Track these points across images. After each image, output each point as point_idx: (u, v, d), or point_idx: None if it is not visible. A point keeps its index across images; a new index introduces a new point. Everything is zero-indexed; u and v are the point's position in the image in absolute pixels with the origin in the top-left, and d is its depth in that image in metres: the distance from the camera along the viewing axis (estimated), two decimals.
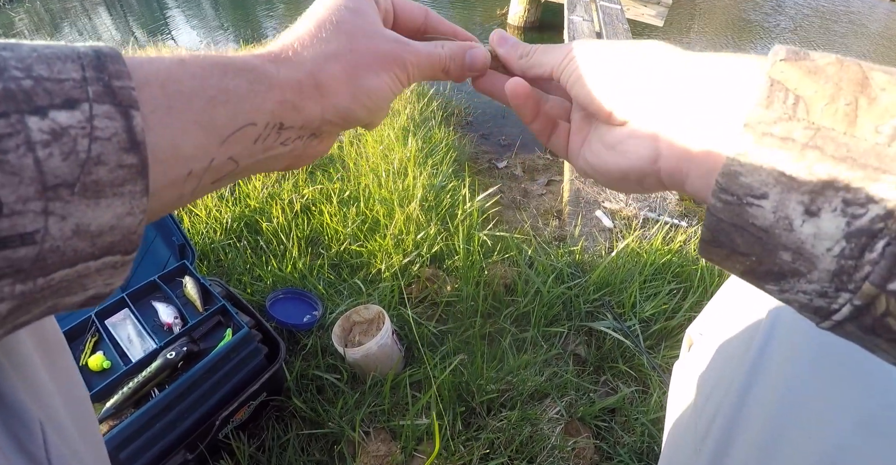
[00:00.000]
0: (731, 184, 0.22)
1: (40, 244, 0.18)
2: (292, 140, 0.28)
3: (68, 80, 0.19)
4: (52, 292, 0.20)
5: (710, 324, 0.58)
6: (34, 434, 0.26)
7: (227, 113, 0.24)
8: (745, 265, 0.24)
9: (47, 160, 0.17)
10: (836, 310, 0.21)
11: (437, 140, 2.43)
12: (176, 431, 0.98)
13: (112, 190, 0.19)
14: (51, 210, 0.18)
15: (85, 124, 0.18)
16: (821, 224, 0.20)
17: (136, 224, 0.20)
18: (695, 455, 0.47)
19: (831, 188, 0.19)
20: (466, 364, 1.35)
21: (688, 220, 2.10)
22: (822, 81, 0.21)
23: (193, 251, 1.29)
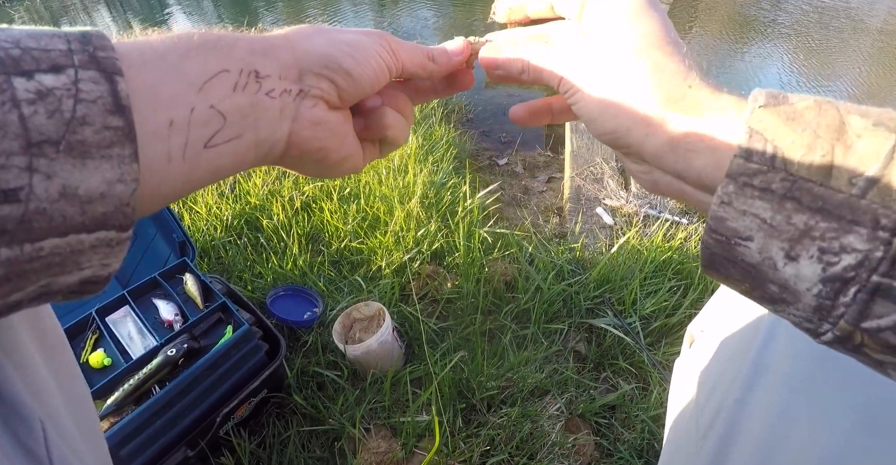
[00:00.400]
0: (719, 226, 0.24)
1: (25, 203, 0.17)
2: (278, 93, 0.27)
3: (54, 50, 0.19)
4: (44, 267, 0.19)
5: (711, 321, 0.58)
6: (35, 432, 0.26)
7: (199, 62, 0.24)
8: (742, 289, 0.26)
9: (32, 117, 0.18)
10: (822, 334, 0.22)
11: (438, 137, 2.43)
12: (177, 428, 0.98)
13: (99, 152, 0.19)
14: (35, 167, 0.18)
15: (70, 86, 0.19)
16: (800, 268, 0.21)
17: (129, 194, 0.20)
18: (696, 453, 0.47)
19: (808, 237, 0.21)
20: (467, 361, 1.35)
21: (688, 217, 2.10)
22: (799, 128, 0.22)
23: (194, 248, 1.29)
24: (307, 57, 0.28)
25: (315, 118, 0.29)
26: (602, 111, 0.29)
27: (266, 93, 0.26)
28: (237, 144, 0.25)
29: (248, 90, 0.25)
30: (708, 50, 4.51)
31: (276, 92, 0.27)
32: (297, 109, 0.28)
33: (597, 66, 0.30)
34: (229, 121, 0.25)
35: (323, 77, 0.29)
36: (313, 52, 0.28)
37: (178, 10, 7.35)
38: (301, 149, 0.29)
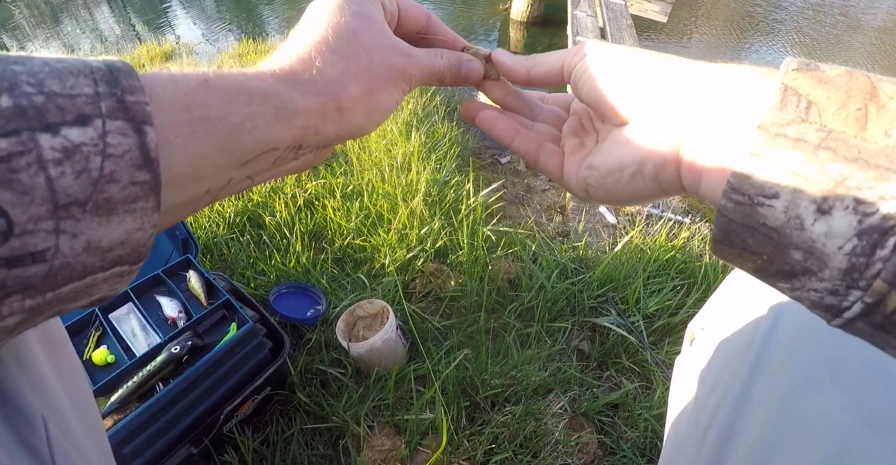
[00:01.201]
0: (743, 184, 0.22)
1: (51, 262, 0.18)
2: (305, 155, 0.28)
3: (80, 95, 0.18)
4: (59, 302, 0.20)
5: (712, 319, 0.58)
6: (37, 429, 0.26)
7: (251, 140, 0.24)
8: (757, 264, 0.24)
9: (59, 179, 0.17)
10: (847, 307, 0.21)
11: (441, 135, 2.42)
12: (180, 425, 0.98)
13: (124, 207, 0.19)
14: (62, 229, 0.17)
15: (98, 141, 0.18)
16: (832, 222, 0.20)
17: (147, 238, 0.21)
18: (697, 451, 0.46)
19: (843, 187, 0.20)
20: (470, 359, 1.35)
21: (691, 216, 2.10)
22: (832, 89, 0.21)
23: (197, 246, 1.29)
24: (348, 128, 0.29)
25: (318, 160, 0.31)
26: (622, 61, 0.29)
27: (296, 157, 0.28)
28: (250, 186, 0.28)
29: (285, 161, 0.27)
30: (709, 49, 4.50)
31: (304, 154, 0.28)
32: (311, 160, 0.30)
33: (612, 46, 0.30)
34: (255, 182, 0.27)
35: (346, 138, 0.30)
36: (354, 126, 0.29)
37: (178, 6, 7.33)
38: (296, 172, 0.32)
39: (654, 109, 0.27)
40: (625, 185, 0.29)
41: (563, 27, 4.98)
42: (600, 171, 0.30)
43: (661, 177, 0.28)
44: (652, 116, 0.28)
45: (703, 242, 1.86)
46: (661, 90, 0.27)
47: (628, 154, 0.29)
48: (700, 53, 5.43)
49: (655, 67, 0.28)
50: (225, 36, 5.69)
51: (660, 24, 5.82)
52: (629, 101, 0.28)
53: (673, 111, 0.27)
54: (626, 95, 0.28)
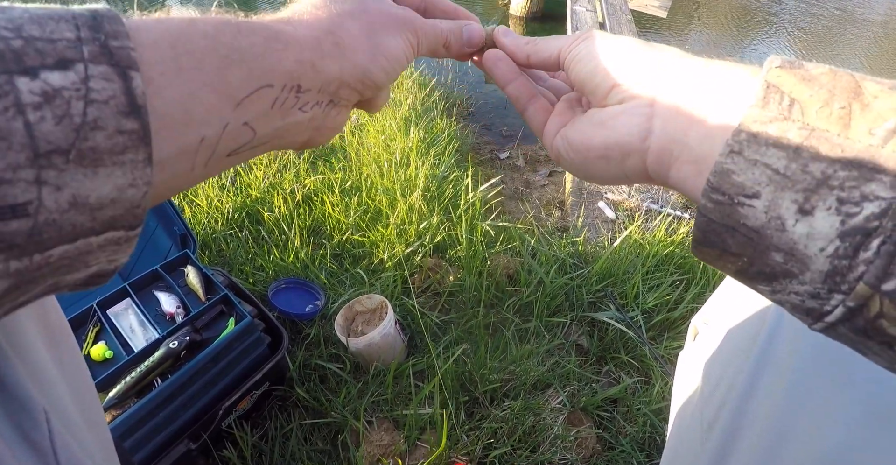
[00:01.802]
0: (723, 183, 0.22)
1: (34, 217, 0.16)
2: (311, 106, 0.26)
3: (61, 39, 0.17)
4: (52, 270, 0.18)
5: (715, 314, 0.58)
6: (38, 423, 0.26)
7: (242, 73, 0.22)
8: (737, 266, 0.23)
9: (39, 124, 0.16)
10: (829, 312, 0.21)
11: (439, 130, 2.41)
12: (179, 421, 0.98)
13: (111, 158, 0.18)
14: (44, 179, 0.16)
15: (80, 86, 0.17)
16: (814, 223, 0.20)
17: (140, 197, 0.19)
18: (701, 445, 0.46)
19: (825, 187, 0.19)
20: (469, 354, 1.35)
21: (690, 212, 2.09)
22: (816, 87, 0.21)
23: (195, 241, 1.29)
24: (351, 71, 0.28)
25: (335, 125, 0.30)
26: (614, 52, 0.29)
27: (300, 107, 0.26)
28: (258, 150, 0.26)
29: (285, 106, 0.25)
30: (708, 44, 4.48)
31: (310, 105, 0.26)
32: (323, 120, 0.28)
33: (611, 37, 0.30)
34: (258, 135, 0.24)
35: (355, 90, 0.29)
36: (357, 67, 0.28)
37: (176, 2, 7.29)
38: (313, 145, 0.30)
39: (631, 95, 0.28)
40: (591, 164, 0.30)
41: (563, 22, 4.96)
42: (572, 145, 0.31)
43: (626, 164, 0.28)
44: (628, 103, 0.28)
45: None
46: (642, 79, 0.27)
47: (598, 137, 0.29)
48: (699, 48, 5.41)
49: (642, 57, 0.28)
50: None
51: (659, 20, 5.80)
52: (609, 84, 0.28)
53: (651, 100, 0.27)
54: (607, 79, 0.29)
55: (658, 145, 0.26)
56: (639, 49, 0.28)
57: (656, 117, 0.26)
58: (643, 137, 0.27)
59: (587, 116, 0.31)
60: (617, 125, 0.28)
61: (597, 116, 0.30)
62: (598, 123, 0.29)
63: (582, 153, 0.30)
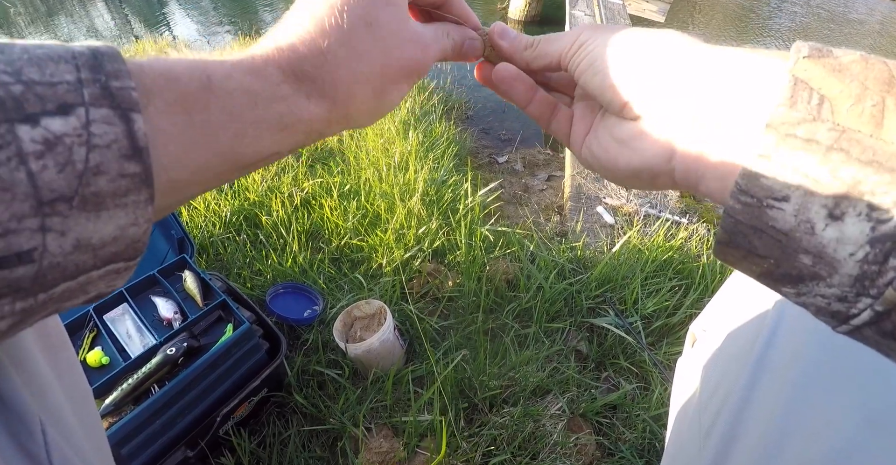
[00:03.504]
0: (752, 186, 0.21)
1: (39, 262, 0.17)
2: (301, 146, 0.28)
3: (62, 83, 0.17)
4: (54, 302, 0.19)
5: (713, 321, 0.58)
6: (34, 434, 0.25)
7: (254, 149, 0.23)
8: (763, 268, 0.23)
9: (41, 173, 0.16)
10: (856, 315, 0.20)
11: (438, 134, 2.41)
12: (176, 428, 0.97)
13: (114, 201, 0.18)
14: (48, 227, 0.16)
15: (81, 131, 0.17)
16: (844, 229, 0.19)
17: (141, 234, 0.19)
18: (699, 452, 0.46)
19: (856, 191, 0.19)
20: (468, 360, 1.34)
21: (689, 217, 2.10)
22: (847, 79, 0.20)
23: (192, 245, 1.28)
24: (356, 120, 0.28)
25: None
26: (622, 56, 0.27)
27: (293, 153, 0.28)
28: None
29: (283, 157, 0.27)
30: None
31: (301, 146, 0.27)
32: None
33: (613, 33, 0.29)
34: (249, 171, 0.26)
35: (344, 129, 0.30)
36: (363, 115, 0.28)
37: (175, 4, 7.29)
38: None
39: (647, 111, 0.27)
40: (622, 180, 0.30)
41: (561, 26, 4.98)
42: (599, 162, 0.31)
43: (656, 181, 0.28)
44: (646, 120, 0.27)
45: (701, 242, 1.86)
46: (654, 90, 0.26)
47: (623, 158, 0.28)
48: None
49: (650, 60, 0.26)
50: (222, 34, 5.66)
51: (657, 24, 5.83)
52: (621, 102, 0.28)
53: (668, 116, 0.26)
54: (618, 96, 0.27)
55: (683, 165, 0.25)
56: (644, 50, 0.27)
57: (676, 140, 0.26)
58: (667, 159, 0.26)
59: (607, 128, 0.30)
60: (639, 148, 0.27)
61: (617, 131, 0.29)
62: (620, 141, 0.29)
63: (611, 171, 0.30)
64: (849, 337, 0.22)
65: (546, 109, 0.35)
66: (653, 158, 0.27)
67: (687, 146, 0.25)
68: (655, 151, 0.26)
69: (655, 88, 0.26)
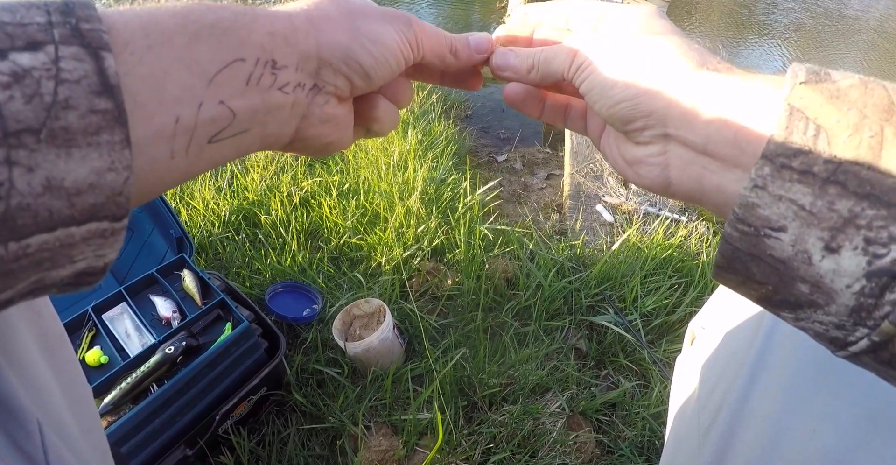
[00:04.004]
0: (748, 215, 0.21)
1: (6, 200, 0.16)
2: (291, 87, 0.25)
3: (31, 24, 0.17)
4: (33, 263, 0.18)
5: (712, 319, 0.58)
6: (31, 434, 0.25)
7: (211, 47, 0.22)
8: (760, 293, 0.23)
9: (7, 103, 0.16)
10: (854, 342, 0.20)
11: (437, 133, 2.41)
12: (175, 426, 0.97)
13: (86, 139, 0.17)
14: (14, 160, 0.16)
15: (50, 66, 0.17)
16: (840, 261, 0.19)
17: (121, 183, 0.18)
18: (698, 450, 0.46)
19: (852, 226, 0.19)
20: (468, 358, 1.34)
21: (688, 215, 2.10)
22: (844, 107, 0.20)
23: (191, 244, 1.28)
24: (329, 49, 0.26)
25: (325, 116, 0.28)
26: (623, 75, 0.27)
27: (279, 87, 0.25)
28: (243, 137, 0.24)
29: (262, 84, 0.24)
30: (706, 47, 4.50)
31: (290, 86, 0.25)
32: (309, 107, 0.27)
33: (614, 45, 0.29)
34: (238, 118, 0.23)
35: (340, 73, 0.27)
36: (335, 45, 0.26)
37: None
38: (305, 143, 0.28)
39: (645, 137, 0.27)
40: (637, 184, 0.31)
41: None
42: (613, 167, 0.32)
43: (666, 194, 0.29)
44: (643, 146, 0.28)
45: (700, 240, 1.86)
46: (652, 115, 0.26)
47: (631, 176, 0.30)
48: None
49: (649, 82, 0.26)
50: None
51: None
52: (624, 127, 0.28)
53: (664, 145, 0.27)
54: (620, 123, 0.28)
55: (680, 193, 0.27)
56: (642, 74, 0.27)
57: (670, 170, 0.27)
58: (666, 185, 0.27)
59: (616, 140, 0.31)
60: (641, 173, 0.29)
61: (623, 149, 0.30)
62: (627, 162, 0.30)
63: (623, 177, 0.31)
64: (849, 361, 0.22)
65: (558, 113, 0.36)
66: (652, 185, 0.28)
67: (683, 176, 0.26)
68: (654, 180, 0.28)
69: (655, 117, 0.26)
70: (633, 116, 0.27)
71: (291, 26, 0.25)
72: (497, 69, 0.34)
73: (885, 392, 0.35)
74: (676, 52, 0.26)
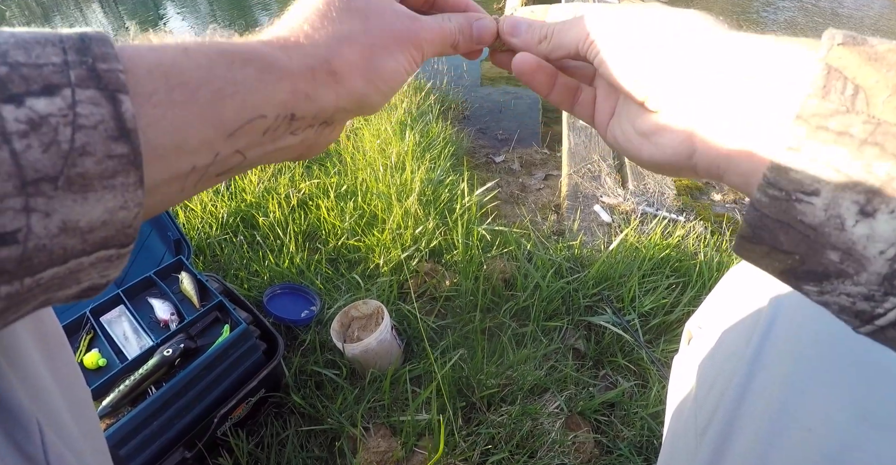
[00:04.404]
0: (780, 179, 0.20)
1: (24, 244, 0.16)
2: (303, 129, 0.26)
3: (47, 64, 0.17)
4: (43, 290, 0.18)
5: (709, 318, 0.58)
6: (32, 435, 0.25)
7: (235, 105, 0.22)
8: (786, 264, 0.22)
9: (25, 152, 0.16)
10: (882, 314, 0.20)
11: (435, 134, 2.41)
12: (174, 429, 0.97)
13: (101, 183, 0.17)
14: (32, 207, 0.16)
15: (67, 112, 0.17)
16: (875, 226, 0.19)
17: (132, 218, 0.19)
18: (696, 448, 0.46)
19: (890, 188, 0.18)
20: (466, 359, 1.35)
21: (686, 215, 2.10)
22: (884, 69, 0.19)
23: (189, 247, 1.28)
24: (346, 97, 0.27)
25: (326, 142, 0.29)
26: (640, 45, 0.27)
27: (292, 132, 0.25)
28: (248, 168, 0.26)
29: (278, 132, 0.25)
30: None
31: (302, 128, 0.26)
32: (316, 139, 0.28)
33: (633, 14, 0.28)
34: (248, 159, 0.24)
35: (350, 112, 0.28)
36: (353, 94, 0.27)
37: (172, 6, 7.28)
38: (301, 158, 0.30)
39: (667, 104, 0.26)
40: (645, 166, 0.30)
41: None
42: (623, 149, 0.31)
43: (680, 174, 0.28)
44: (665, 113, 0.27)
45: (698, 240, 1.86)
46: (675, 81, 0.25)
47: (645, 152, 0.29)
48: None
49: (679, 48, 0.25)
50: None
51: None
52: (642, 94, 0.27)
53: (688, 112, 0.25)
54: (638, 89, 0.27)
55: (706, 161, 0.25)
56: (663, 38, 0.26)
57: (696, 135, 0.25)
58: (689, 155, 0.26)
59: (630, 116, 0.30)
60: (661, 143, 0.27)
61: (639, 123, 0.29)
62: (642, 134, 0.29)
63: (636, 160, 0.30)
64: (869, 337, 0.22)
65: (568, 94, 0.35)
66: (674, 156, 0.27)
67: (709, 141, 0.25)
68: (676, 148, 0.26)
69: (676, 80, 0.25)
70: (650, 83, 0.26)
71: (314, 83, 0.25)
72: (507, 35, 0.34)
73: (882, 389, 0.35)
74: (701, 19, 0.26)
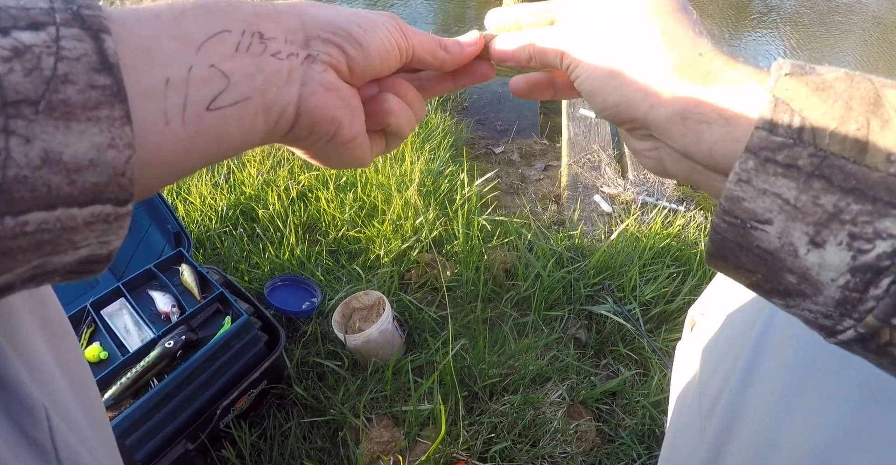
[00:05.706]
0: (734, 208, 0.21)
1: (2, 170, 0.16)
2: (285, 55, 0.25)
3: (34, 8, 0.17)
4: (33, 245, 0.17)
5: (712, 304, 0.58)
6: (39, 421, 0.25)
7: (197, 21, 0.22)
8: (751, 281, 0.23)
9: (7, 75, 0.16)
10: (842, 331, 0.21)
11: (434, 125, 2.40)
12: (176, 421, 0.97)
13: (85, 113, 0.17)
14: (11, 129, 0.16)
15: (50, 44, 0.17)
16: (826, 256, 0.19)
17: (123, 161, 0.18)
18: (700, 434, 0.46)
19: (837, 221, 0.19)
20: (468, 349, 1.35)
21: (686, 204, 2.10)
22: (830, 99, 0.19)
23: (189, 239, 1.27)
24: (314, 22, 0.26)
25: (326, 83, 0.26)
26: (604, 83, 0.28)
27: (272, 54, 0.24)
28: (243, 107, 0.23)
29: (253, 51, 0.24)
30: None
31: (283, 54, 0.25)
32: (307, 73, 0.26)
33: (600, 38, 0.29)
34: (233, 81, 0.23)
35: (331, 43, 0.27)
36: (320, 19, 0.27)
37: None
38: (312, 117, 0.26)
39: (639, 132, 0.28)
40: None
41: None
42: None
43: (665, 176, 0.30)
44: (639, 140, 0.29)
45: (698, 229, 1.86)
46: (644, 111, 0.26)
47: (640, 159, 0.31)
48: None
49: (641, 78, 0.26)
50: None
51: None
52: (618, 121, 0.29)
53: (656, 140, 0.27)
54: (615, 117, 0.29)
55: (679, 177, 0.28)
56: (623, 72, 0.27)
57: (665, 162, 0.28)
58: (663, 172, 0.29)
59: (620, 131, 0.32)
60: (642, 162, 0.30)
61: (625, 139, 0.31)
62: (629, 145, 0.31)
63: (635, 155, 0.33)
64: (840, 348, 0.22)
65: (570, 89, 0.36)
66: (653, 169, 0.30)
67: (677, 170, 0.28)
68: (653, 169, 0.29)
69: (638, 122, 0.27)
70: (619, 121, 0.28)
71: (274, 9, 0.26)
72: (500, 61, 0.35)
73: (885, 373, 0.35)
74: (657, 49, 0.26)
